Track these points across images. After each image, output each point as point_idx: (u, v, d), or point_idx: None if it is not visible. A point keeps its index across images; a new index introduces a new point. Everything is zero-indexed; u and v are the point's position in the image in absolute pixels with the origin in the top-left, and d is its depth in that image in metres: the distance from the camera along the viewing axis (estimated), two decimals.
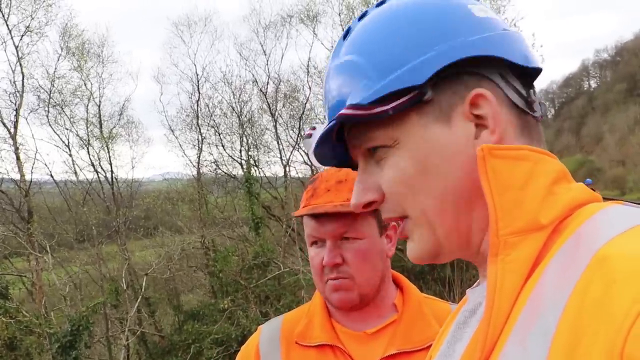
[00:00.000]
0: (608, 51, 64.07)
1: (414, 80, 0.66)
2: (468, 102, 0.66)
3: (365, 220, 1.31)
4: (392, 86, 0.66)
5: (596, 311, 0.48)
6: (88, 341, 13.00)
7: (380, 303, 1.36)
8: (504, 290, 0.58)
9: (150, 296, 16.67)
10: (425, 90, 0.66)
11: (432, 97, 0.66)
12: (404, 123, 0.68)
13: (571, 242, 0.57)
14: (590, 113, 52.17)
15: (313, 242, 1.35)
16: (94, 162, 17.56)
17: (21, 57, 15.97)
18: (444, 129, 0.67)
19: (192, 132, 18.93)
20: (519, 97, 0.69)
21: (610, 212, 0.59)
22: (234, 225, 18.18)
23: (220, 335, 14.10)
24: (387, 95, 0.66)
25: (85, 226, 16.73)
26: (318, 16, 18.21)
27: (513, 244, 0.60)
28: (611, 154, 39.29)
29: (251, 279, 15.58)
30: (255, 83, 18.70)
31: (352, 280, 1.30)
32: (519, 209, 0.61)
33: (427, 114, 0.67)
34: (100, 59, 18.18)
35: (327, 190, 1.33)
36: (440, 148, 0.67)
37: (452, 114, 0.67)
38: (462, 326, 0.72)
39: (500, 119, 0.66)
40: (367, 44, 0.70)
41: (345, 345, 1.32)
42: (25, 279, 15.30)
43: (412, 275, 15.45)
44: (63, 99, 17.27)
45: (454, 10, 0.70)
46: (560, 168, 0.65)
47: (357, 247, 1.30)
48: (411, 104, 0.66)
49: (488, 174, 0.61)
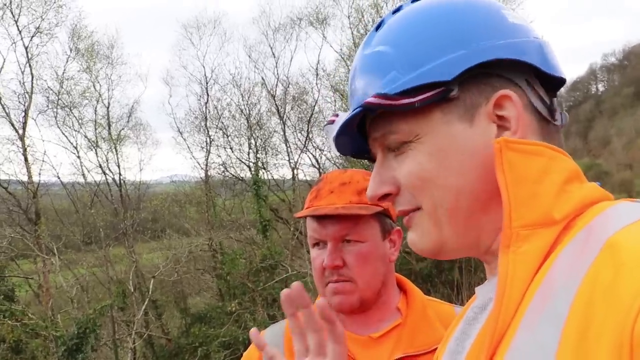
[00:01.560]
0: (616, 55, 64.01)
1: (442, 76, 0.66)
2: (493, 102, 0.67)
3: (367, 224, 1.30)
4: (420, 79, 0.67)
5: (606, 295, 0.49)
6: (95, 344, 13.00)
7: (383, 307, 1.35)
8: (515, 280, 0.59)
9: (158, 299, 16.70)
10: (452, 88, 0.67)
11: (458, 95, 0.67)
12: (427, 118, 0.68)
13: (582, 234, 0.58)
14: (597, 117, 52.14)
15: (315, 243, 1.33)
16: (102, 164, 17.66)
17: (30, 58, 16.09)
18: (466, 127, 0.67)
19: (201, 135, 19.07)
20: (542, 104, 0.70)
21: (620, 207, 0.60)
22: (241, 227, 18.23)
23: (228, 338, 14.13)
24: (415, 88, 0.67)
25: (93, 228, 16.78)
26: (327, 19, 18.33)
27: (525, 236, 0.60)
28: (618, 158, 39.21)
29: (258, 282, 15.59)
30: (264, 85, 18.81)
31: (352, 284, 1.28)
32: (533, 202, 0.61)
33: (451, 111, 0.68)
34: (109, 61, 18.34)
35: (330, 192, 1.32)
36: (460, 146, 0.67)
37: (475, 113, 0.68)
38: (471, 322, 0.71)
39: (522, 122, 0.67)
40: (399, 37, 0.71)
41: (351, 349, 1.28)
42: (31, 282, 15.34)
43: (419, 278, 15.41)
44: (72, 100, 17.41)
45: (488, 13, 0.71)
46: (574, 167, 0.66)
47: (358, 250, 1.29)
48: (437, 99, 0.67)
49: (504, 166, 0.62)
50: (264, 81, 18.73)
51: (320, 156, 18.08)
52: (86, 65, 17.52)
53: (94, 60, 17.61)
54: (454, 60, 0.66)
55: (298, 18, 18.71)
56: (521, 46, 0.68)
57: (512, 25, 0.70)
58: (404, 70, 0.68)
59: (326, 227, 1.29)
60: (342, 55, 17.75)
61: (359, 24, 17.40)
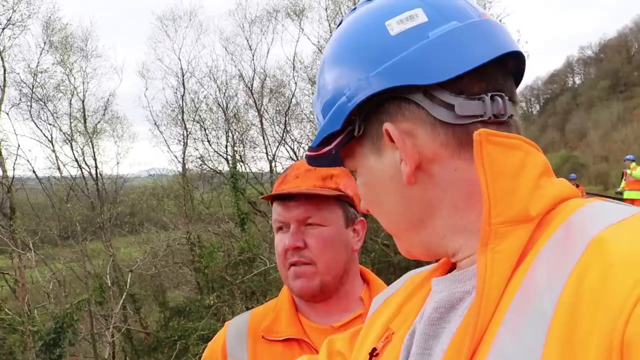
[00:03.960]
0: (592, 48, 64.83)
1: (335, 126, 0.69)
2: (385, 135, 0.67)
3: (329, 209, 1.32)
4: (326, 130, 0.71)
5: (594, 297, 0.48)
6: (72, 339, 12.89)
7: (346, 296, 1.37)
8: (494, 279, 0.58)
9: (136, 293, 16.58)
10: (354, 127, 0.69)
11: (363, 131, 0.69)
12: (353, 154, 0.73)
13: (561, 232, 0.57)
14: (574, 109, 52.66)
15: (279, 227, 1.36)
16: (78, 158, 17.43)
17: (2, 51, 15.76)
18: (377, 159, 0.70)
19: (177, 128, 18.85)
20: (448, 112, 0.64)
21: (597, 205, 0.60)
22: (219, 221, 18.10)
23: (206, 332, 14.06)
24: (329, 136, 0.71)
25: (70, 223, 16.56)
26: (304, 11, 18.17)
27: (503, 234, 0.59)
28: (595, 150, 39.67)
29: (237, 275, 15.54)
30: (241, 78, 18.64)
31: (313, 267, 1.30)
32: (511, 198, 0.60)
33: (364, 145, 0.71)
34: (84, 53, 18.03)
35: (295, 177, 1.35)
36: (378, 177, 0.70)
37: (380, 144, 0.69)
38: (437, 322, 0.68)
39: (416, 146, 0.66)
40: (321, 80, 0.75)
41: (312, 339, 1.32)
42: (7, 277, 15.13)
43: (398, 270, 15.48)
44: (46, 93, 17.11)
45: (369, 36, 0.68)
46: (545, 162, 0.65)
47: (319, 233, 1.31)
48: (348, 140, 0.70)
49: (484, 160, 0.60)
50: (241, 74, 18.60)
51: (299, 149, 18.07)
52: (60, 58, 17.25)
53: (68, 53, 17.35)
54: (342, 105, 0.68)
55: (275, 10, 18.54)
56: (403, 63, 0.64)
57: (394, 39, 0.66)
58: (321, 118, 0.73)
59: (290, 209, 1.32)
60: (319, 47, 17.69)
61: (336, 16, 17.33)
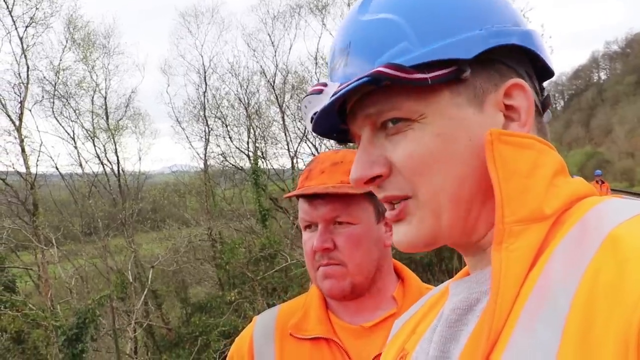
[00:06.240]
0: (618, 43, 63.88)
1: (459, 54, 0.61)
2: (503, 90, 0.64)
3: (359, 205, 1.25)
4: (435, 55, 0.61)
5: (610, 292, 0.47)
6: (94, 334, 13.02)
7: (378, 294, 1.31)
8: (509, 278, 0.57)
9: (158, 289, 16.74)
10: (465, 68, 0.62)
11: (469, 77, 0.63)
12: (435, 98, 0.63)
13: (577, 230, 0.56)
14: (599, 105, 52.06)
15: (306, 226, 1.29)
16: (100, 155, 17.62)
17: (26, 49, 15.94)
18: (476, 113, 0.63)
19: (199, 124, 19.01)
20: (537, 97, 0.67)
21: (612, 202, 0.59)
22: (241, 217, 18.19)
23: (227, 328, 14.17)
24: (426, 64, 0.61)
25: (92, 219, 16.78)
26: (327, 6, 18.14)
27: (517, 232, 0.58)
28: (620, 146, 39.19)
29: (258, 271, 15.60)
30: (263, 74, 18.69)
31: (343, 267, 1.24)
32: (524, 197, 0.59)
33: (460, 94, 0.63)
34: (106, 50, 18.25)
35: (321, 172, 1.28)
36: (470, 131, 0.63)
37: (485, 99, 0.64)
38: (455, 324, 0.67)
39: (532, 114, 0.65)
40: (410, 6, 0.64)
41: (342, 339, 1.26)
42: (31, 272, 15.33)
43: (420, 267, 15.41)
44: (68, 90, 17.36)
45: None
46: (561, 161, 0.64)
47: (349, 232, 1.24)
48: (449, 78, 0.62)
49: (495, 159, 0.60)
50: (263, 70, 18.65)
51: (320, 145, 18.00)
52: (82, 55, 17.45)
53: (90, 50, 17.56)
54: (472, 39, 0.62)
55: (298, 5, 18.60)
56: (530, 35, 0.66)
57: (516, 11, 0.67)
58: (417, 42, 0.62)
59: (317, 208, 1.25)
60: None
61: None
